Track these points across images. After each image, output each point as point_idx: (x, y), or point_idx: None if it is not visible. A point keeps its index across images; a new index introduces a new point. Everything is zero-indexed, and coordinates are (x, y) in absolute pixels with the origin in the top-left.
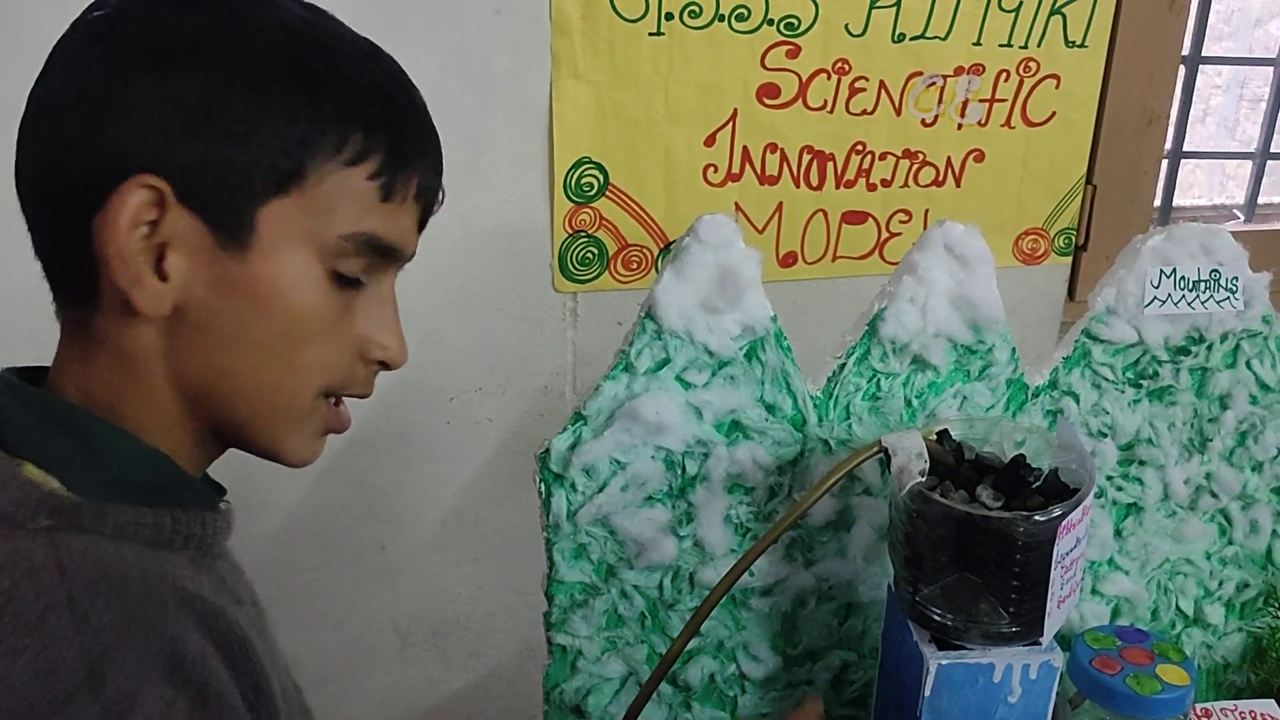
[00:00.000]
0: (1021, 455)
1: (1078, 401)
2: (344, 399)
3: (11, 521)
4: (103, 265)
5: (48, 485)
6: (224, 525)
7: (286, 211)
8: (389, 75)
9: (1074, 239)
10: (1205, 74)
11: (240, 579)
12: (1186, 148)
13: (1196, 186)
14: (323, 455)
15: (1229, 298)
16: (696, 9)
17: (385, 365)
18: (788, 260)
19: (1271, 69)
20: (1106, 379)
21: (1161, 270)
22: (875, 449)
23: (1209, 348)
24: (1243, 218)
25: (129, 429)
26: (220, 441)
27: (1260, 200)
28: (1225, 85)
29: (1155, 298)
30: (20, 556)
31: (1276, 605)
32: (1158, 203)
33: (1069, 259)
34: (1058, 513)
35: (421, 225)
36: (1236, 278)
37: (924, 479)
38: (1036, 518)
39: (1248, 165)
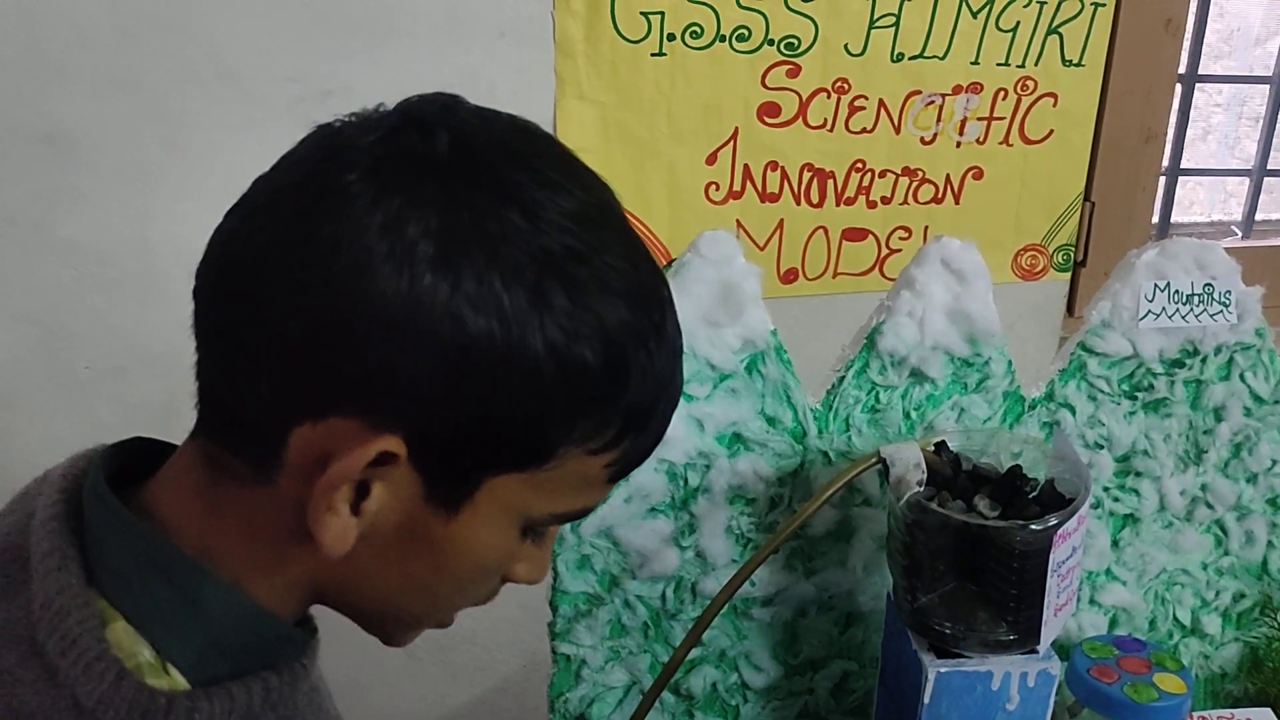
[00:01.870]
0: (1018, 466)
1: (1074, 413)
2: None
3: None
4: (291, 470)
5: (137, 659)
6: (312, 660)
7: (514, 485)
8: (668, 360)
9: (1072, 255)
10: (1206, 93)
11: (319, 707)
12: (1187, 165)
13: (1198, 204)
14: None
15: (1222, 311)
16: (698, 30)
17: (530, 584)
18: (789, 277)
19: (1268, 87)
20: (1102, 391)
21: (1155, 284)
22: (874, 460)
23: (1203, 360)
24: (1240, 234)
25: (243, 585)
26: None
27: (1258, 217)
28: (1226, 104)
29: (1150, 311)
30: None
31: (1273, 615)
32: (1156, 219)
33: (1068, 275)
34: (1054, 522)
35: None
36: (1230, 291)
37: (922, 489)
38: (1033, 527)
39: (1248, 182)
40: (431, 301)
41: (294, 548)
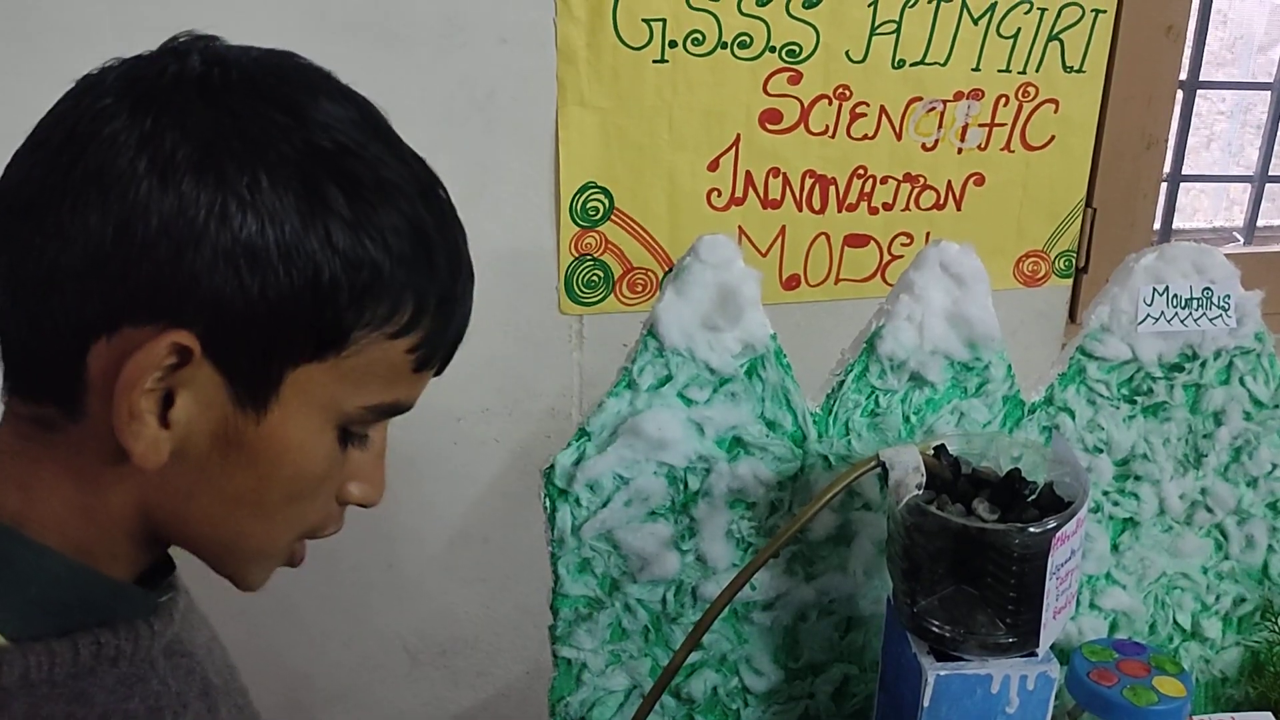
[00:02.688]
0: (1017, 469)
1: (1073, 417)
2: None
3: None
4: (94, 391)
5: None
6: (165, 621)
7: (317, 377)
8: (453, 246)
9: (1074, 261)
10: (1209, 100)
11: (188, 672)
12: (1190, 171)
13: (1201, 211)
14: None
15: (1221, 315)
16: (700, 36)
17: (366, 507)
18: (791, 283)
19: (1269, 93)
20: (1102, 395)
21: (1154, 288)
22: (873, 463)
23: (1202, 365)
24: (1243, 240)
25: (65, 543)
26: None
27: (1260, 223)
28: (1229, 111)
29: (1149, 315)
30: None
31: (1273, 620)
32: (1158, 225)
33: (1069, 281)
34: (1052, 525)
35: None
36: (1229, 295)
37: (921, 493)
38: (1031, 530)
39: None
40: (195, 205)
41: (111, 476)
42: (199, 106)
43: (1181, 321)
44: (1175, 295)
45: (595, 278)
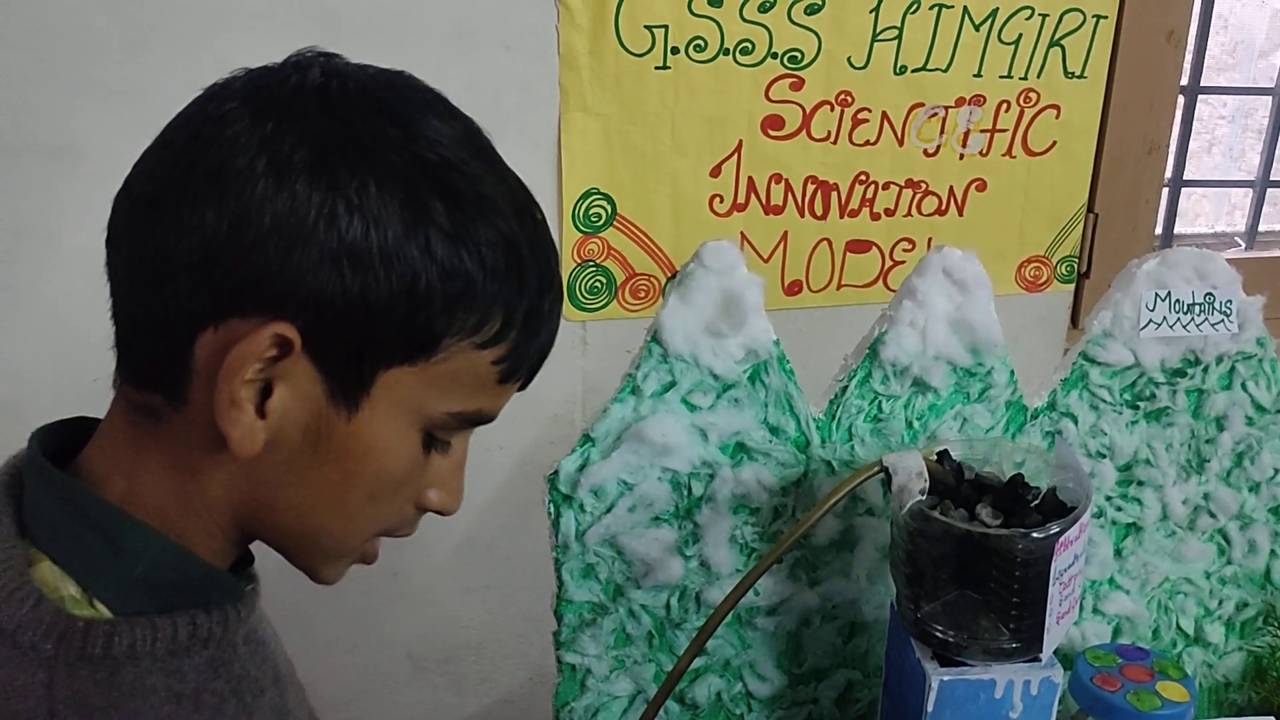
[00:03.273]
0: (1020, 475)
1: (1076, 423)
2: None
3: (13, 642)
4: (198, 380)
5: (60, 593)
6: (249, 608)
7: (406, 380)
8: (544, 265)
9: (1076, 266)
10: (1211, 105)
11: (264, 660)
12: (1192, 176)
13: (1203, 216)
14: None
15: (1223, 320)
16: (702, 43)
17: (444, 514)
18: (793, 289)
19: (1270, 99)
20: (1104, 400)
21: (1156, 294)
22: (876, 469)
23: (1205, 370)
24: (1244, 245)
25: (165, 528)
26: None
27: (1261, 228)
28: (1231, 116)
29: (1151, 320)
30: (14, 689)
31: (1276, 625)
32: (1159, 230)
33: (1071, 286)
34: (1055, 530)
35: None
36: (1230, 301)
37: (924, 498)
38: (1034, 535)
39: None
40: (307, 205)
41: (209, 465)
42: (317, 114)
43: (1184, 327)
44: (1177, 300)
45: (598, 284)
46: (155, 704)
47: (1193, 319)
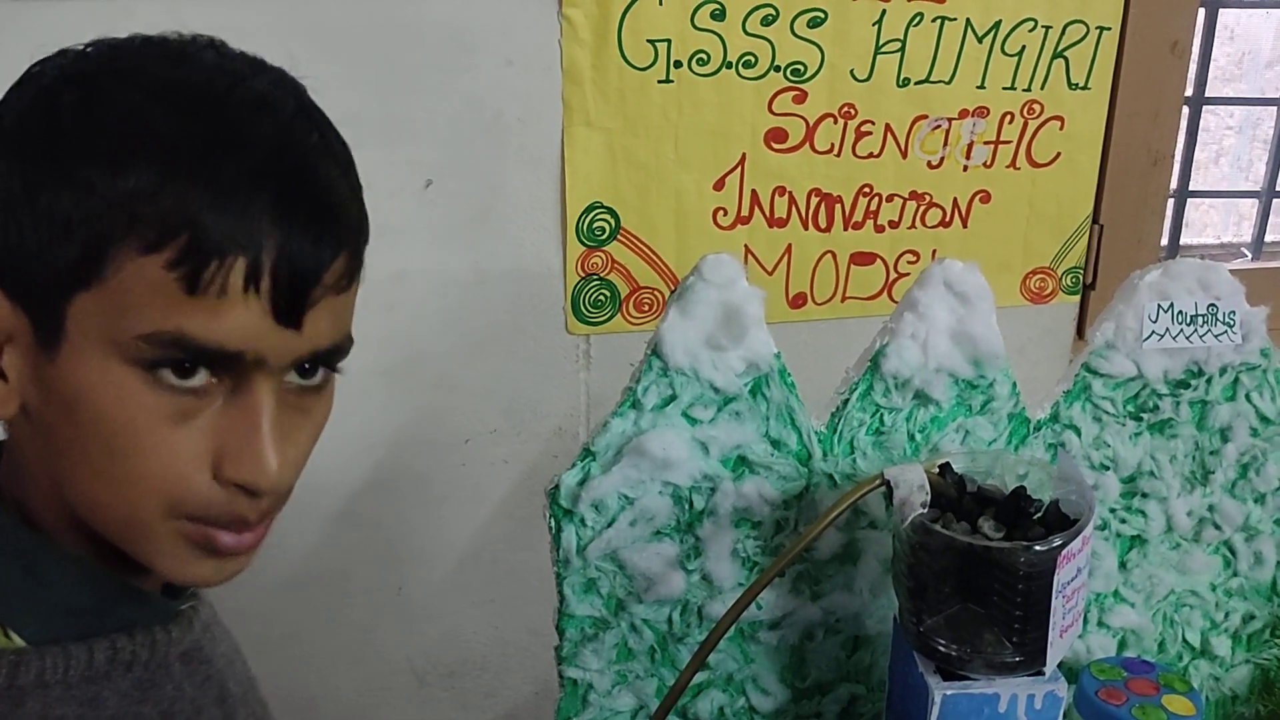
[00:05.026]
0: (1023, 487)
1: (1079, 435)
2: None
3: None
4: None
5: None
6: (183, 628)
7: (88, 307)
8: (224, 138)
9: (1081, 278)
10: (1218, 115)
11: (205, 679)
12: (1200, 187)
13: (1211, 226)
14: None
15: (1227, 331)
16: (705, 57)
17: (250, 489)
18: (797, 301)
19: (1276, 109)
20: (1107, 412)
21: (1159, 305)
22: (877, 481)
23: (1208, 381)
24: (1250, 255)
25: (63, 534)
26: None
27: (1267, 238)
28: (1239, 127)
29: (1154, 332)
30: None
31: None
32: (1165, 241)
33: (1077, 298)
34: (1058, 542)
35: (298, 311)
36: (1234, 312)
37: (926, 511)
38: (1037, 548)
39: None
40: None
41: (32, 455)
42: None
43: (1187, 338)
44: (1180, 312)
45: (602, 297)
46: None
47: (1196, 330)
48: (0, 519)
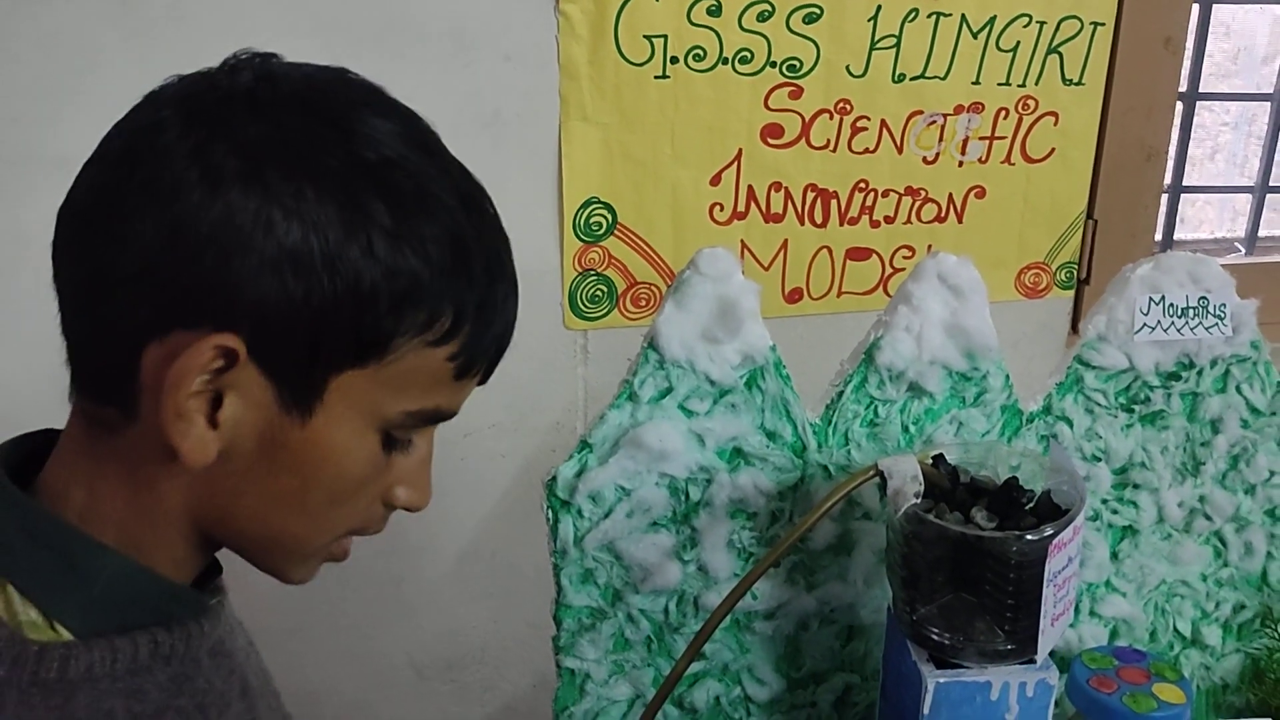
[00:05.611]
0: (1015, 478)
1: (1071, 426)
2: None
3: None
4: (148, 393)
5: (20, 618)
6: (213, 622)
7: (359, 382)
8: (493, 256)
9: (1076, 273)
10: (1214, 112)
11: (230, 672)
12: (1196, 183)
13: (1207, 222)
14: None
15: (1217, 324)
16: (701, 52)
17: (412, 511)
18: (793, 296)
19: (1270, 104)
20: (1099, 404)
21: (1151, 298)
22: (872, 473)
23: (1199, 373)
24: (1244, 250)
25: (125, 542)
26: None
27: (1261, 233)
28: (1234, 123)
29: (1145, 324)
30: None
31: (1273, 627)
32: (1159, 236)
33: (1071, 293)
34: (1049, 532)
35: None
36: (1225, 304)
37: (919, 501)
38: (1028, 537)
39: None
40: (242, 213)
41: (164, 476)
42: (247, 120)
43: (1178, 330)
44: (1171, 304)
45: (599, 293)
46: None
47: (1187, 323)
48: (42, 514)
